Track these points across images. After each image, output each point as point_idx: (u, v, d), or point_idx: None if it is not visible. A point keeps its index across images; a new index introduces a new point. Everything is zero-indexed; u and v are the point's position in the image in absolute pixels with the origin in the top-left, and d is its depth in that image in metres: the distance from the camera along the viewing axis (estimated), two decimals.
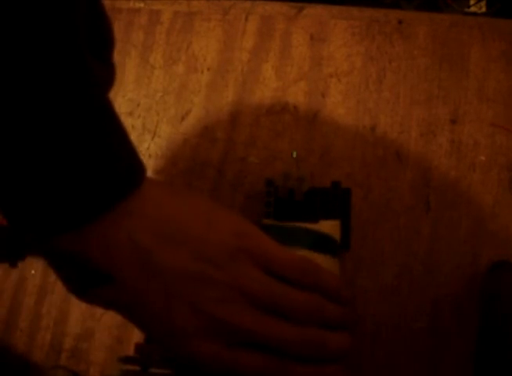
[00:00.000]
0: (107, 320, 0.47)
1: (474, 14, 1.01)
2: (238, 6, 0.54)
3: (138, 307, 0.31)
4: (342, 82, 0.52)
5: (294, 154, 0.48)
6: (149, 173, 0.48)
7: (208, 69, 0.53)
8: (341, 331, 0.35)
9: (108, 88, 0.32)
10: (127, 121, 0.52)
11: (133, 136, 0.52)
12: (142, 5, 0.55)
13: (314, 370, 0.34)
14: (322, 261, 0.40)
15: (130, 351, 0.46)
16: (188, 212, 0.33)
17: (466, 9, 1.02)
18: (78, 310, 0.48)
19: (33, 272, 0.49)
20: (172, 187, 0.35)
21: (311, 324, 0.34)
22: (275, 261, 0.34)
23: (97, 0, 0.33)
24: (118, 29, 0.54)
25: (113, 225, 0.30)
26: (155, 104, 0.53)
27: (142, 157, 0.32)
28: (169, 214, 0.32)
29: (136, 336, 0.47)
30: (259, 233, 0.34)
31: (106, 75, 0.32)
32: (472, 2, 1.03)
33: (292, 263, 0.34)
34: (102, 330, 0.47)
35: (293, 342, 0.33)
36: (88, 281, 0.31)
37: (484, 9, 1.02)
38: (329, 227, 0.43)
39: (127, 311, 0.33)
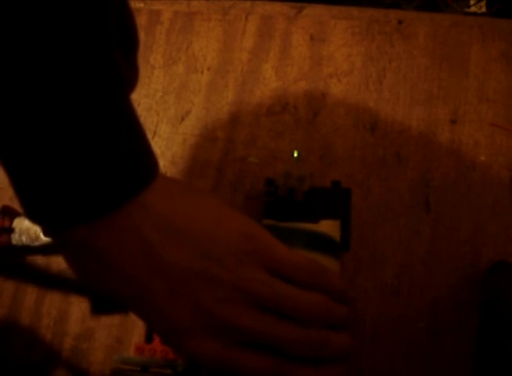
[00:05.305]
0: (107, 320, 0.47)
1: (474, 14, 1.01)
2: (238, 6, 0.54)
3: (141, 300, 0.32)
4: (342, 82, 0.52)
5: (295, 154, 0.48)
6: None
7: (208, 69, 0.53)
8: (342, 331, 0.35)
9: (131, 88, 0.32)
10: None
11: None
12: (142, 5, 0.55)
13: (317, 371, 0.34)
14: (322, 261, 0.40)
15: (130, 351, 0.46)
16: (197, 210, 0.33)
17: (467, 9, 1.02)
18: (78, 310, 0.48)
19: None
20: (183, 184, 0.35)
21: (314, 325, 0.34)
22: (282, 262, 0.34)
23: (126, 1, 0.33)
24: None
25: (123, 218, 0.30)
26: (155, 104, 0.53)
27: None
28: (178, 210, 0.32)
29: (136, 336, 0.47)
30: (266, 234, 0.34)
31: (131, 75, 0.32)
32: (472, 2, 1.03)
33: (298, 265, 0.34)
34: (102, 330, 0.47)
35: (296, 343, 0.33)
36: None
37: (484, 9, 1.02)
38: (329, 227, 0.43)
39: (130, 303, 0.33)
